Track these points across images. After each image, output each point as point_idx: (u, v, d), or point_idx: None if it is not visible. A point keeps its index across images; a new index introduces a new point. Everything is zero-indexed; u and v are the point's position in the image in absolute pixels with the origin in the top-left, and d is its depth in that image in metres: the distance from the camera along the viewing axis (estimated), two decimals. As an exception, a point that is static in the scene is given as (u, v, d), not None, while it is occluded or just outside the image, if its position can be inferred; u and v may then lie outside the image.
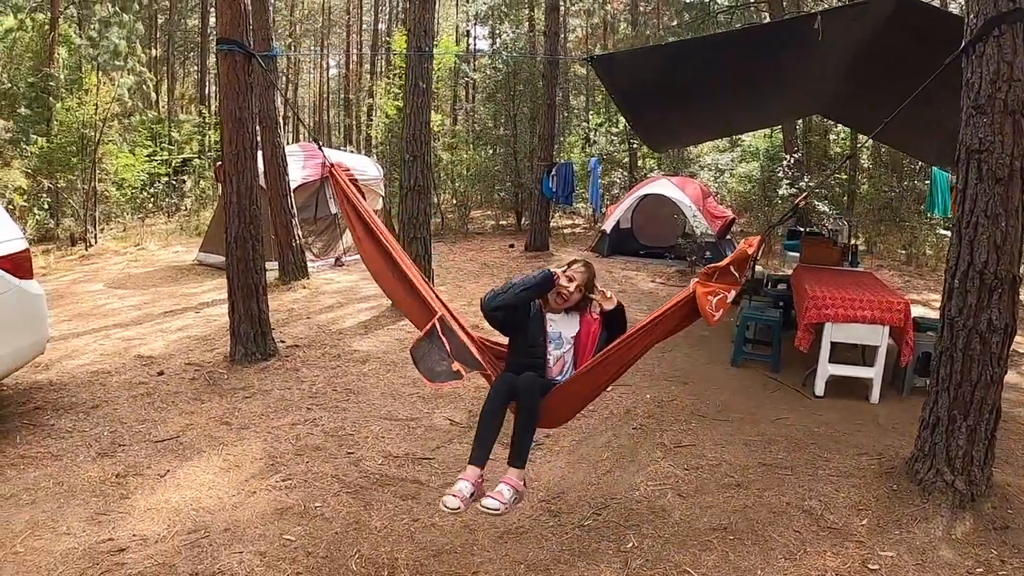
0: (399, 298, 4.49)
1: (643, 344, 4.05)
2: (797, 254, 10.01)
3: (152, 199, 21.95)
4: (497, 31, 33.00)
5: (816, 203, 17.09)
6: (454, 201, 22.52)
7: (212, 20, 26.39)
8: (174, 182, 24.02)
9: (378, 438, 5.75)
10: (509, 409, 4.02)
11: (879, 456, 5.48)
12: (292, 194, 12.27)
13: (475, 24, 38.81)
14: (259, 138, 11.39)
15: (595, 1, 28.30)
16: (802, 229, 11.63)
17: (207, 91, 32.41)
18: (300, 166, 13.75)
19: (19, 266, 5.78)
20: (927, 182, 11.48)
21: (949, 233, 5.20)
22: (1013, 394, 7.37)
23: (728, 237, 15.56)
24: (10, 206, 15.71)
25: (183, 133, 27.05)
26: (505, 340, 4.49)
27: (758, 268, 11.42)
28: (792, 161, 17.44)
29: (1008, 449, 5.81)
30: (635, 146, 22.59)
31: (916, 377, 7.05)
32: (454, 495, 3.67)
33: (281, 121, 12.66)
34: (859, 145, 18.83)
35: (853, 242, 12.22)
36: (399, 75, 19.88)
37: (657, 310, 4.15)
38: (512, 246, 17.48)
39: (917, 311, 8.52)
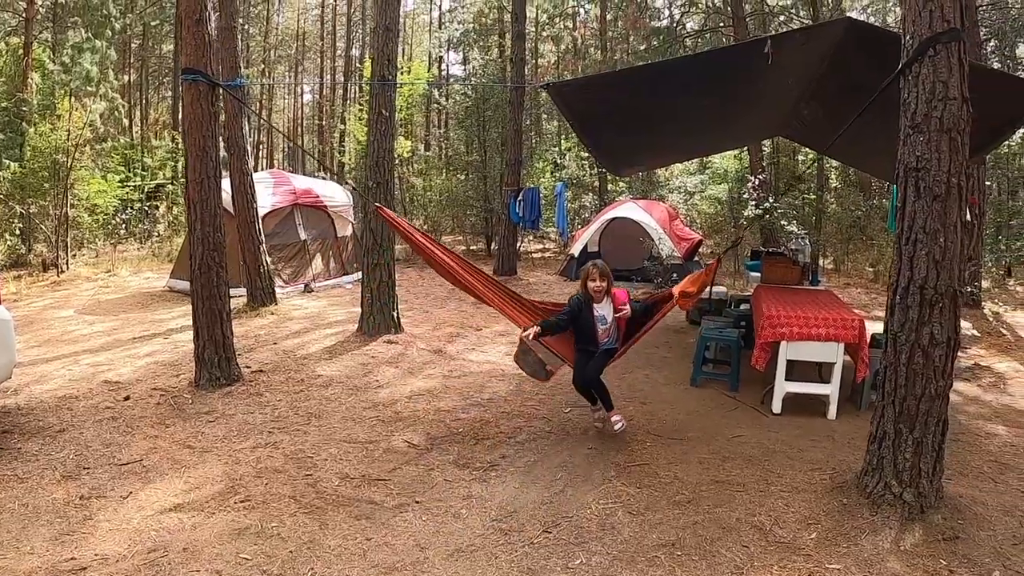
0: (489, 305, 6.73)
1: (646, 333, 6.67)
2: (759, 274, 10.10)
3: (124, 225, 21.88)
4: (468, 57, 33.26)
5: (783, 223, 17.29)
6: (426, 227, 22.59)
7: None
8: (147, 208, 23.93)
9: (337, 460, 5.81)
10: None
11: (832, 471, 5.56)
12: (260, 221, 12.31)
13: (447, 50, 39.08)
14: (227, 166, 11.49)
15: (564, 28, 28.55)
16: (764, 249, 11.74)
17: (181, 116, 32.29)
18: (269, 192, 13.80)
19: (-13, 292, 5.82)
20: (894, 199, 11.61)
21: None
22: (973, 407, 7.55)
23: (696, 259, 15.69)
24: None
25: (156, 159, 26.92)
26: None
27: (721, 288, 11.54)
28: (757, 182, 17.63)
29: (964, 461, 5.94)
30: (604, 170, 22.77)
31: (873, 392, 7.09)
32: (598, 423, 6.45)
33: (249, 148, 12.70)
34: (807, 166, 19.01)
35: (813, 261, 12.33)
36: (369, 101, 20.03)
37: (656, 314, 6.60)
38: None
39: (880, 328, 8.63)
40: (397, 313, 10.22)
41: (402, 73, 23.64)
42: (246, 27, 34.33)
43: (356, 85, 35.80)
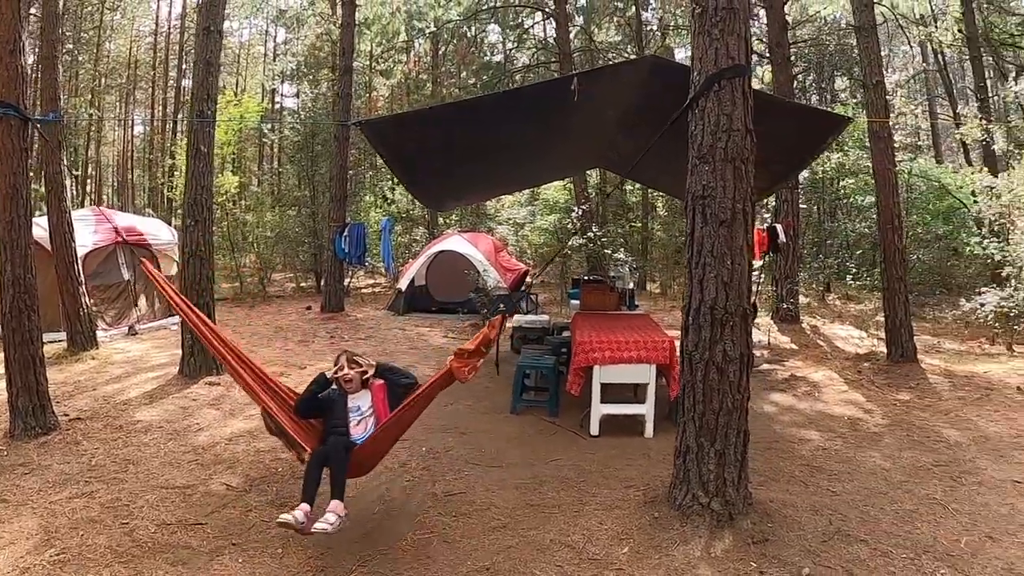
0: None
1: (417, 409, 5.25)
2: (579, 301, 10.36)
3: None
4: (301, 91, 32.86)
5: (608, 251, 17.85)
6: (259, 264, 22.09)
7: None
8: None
9: (153, 507, 5.61)
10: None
11: (645, 487, 5.78)
12: (80, 261, 11.77)
13: (281, 82, 38.46)
14: (44, 203, 10.95)
15: (397, 61, 28.58)
16: (585, 277, 12.06)
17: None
18: (91, 231, 13.21)
19: None
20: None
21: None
22: (788, 415, 8.09)
23: (523, 288, 15.97)
24: None
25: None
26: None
27: (544, 317, 11.79)
28: (580, 213, 18.14)
29: (777, 467, 6.31)
30: (432, 204, 22.88)
31: (686, 409, 7.42)
32: (289, 516, 4.56)
33: (69, 184, 12.14)
34: (610, 189, 19.74)
35: (639, 286, 12.76)
36: (188, 137, 19.46)
37: (423, 385, 5.30)
38: (310, 308, 17.36)
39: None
40: (219, 354, 9.98)
41: (234, 106, 23.09)
42: (76, 52, 32.73)
43: (185, 119, 34.75)
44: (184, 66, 39.81)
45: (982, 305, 12.19)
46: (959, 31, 18.53)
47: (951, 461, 6.54)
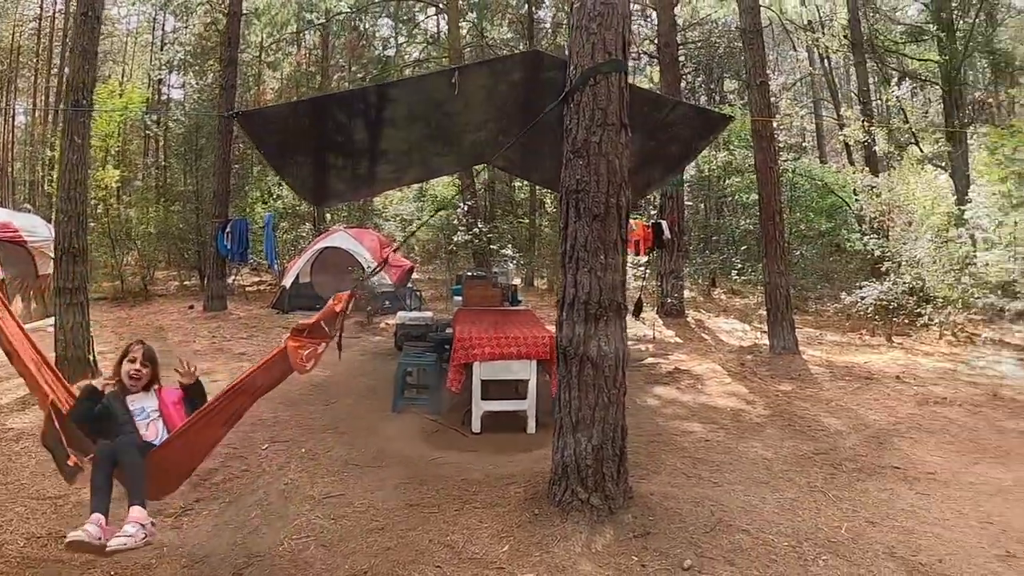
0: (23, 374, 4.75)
1: (240, 403, 4.43)
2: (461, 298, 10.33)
3: None
4: (187, 82, 31.95)
5: (494, 247, 17.91)
6: (142, 262, 21.36)
7: None
8: None
9: (23, 519, 5.34)
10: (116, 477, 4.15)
11: (526, 484, 5.75)
12: (-50, 258, 11.20)
13: (168, 72, 37.34)
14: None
15: (287, 54, 28.06)
16: (470, 273, 12.04)
17: None
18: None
19: None
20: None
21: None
22: (671, 408, 8.21)
23: (410, 285, 15.87)
24: None
25: None
26: None
27: (428, 313, 11.71)
28: (466, 209, 18.14)
29: (660, 460, 6.37)
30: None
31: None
32: (80, 532, 3.74)
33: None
34: (474, 188, 19.82)
35: (527, 282, 12.81)
36: (62, 128, 18.66)
37: (250, 368, 4.47)
38: (192, 307, 16.88)
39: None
40: (94, 356, 9.57)
41: (117, 96, 22.24)
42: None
43: (62, 108, 33.26)
44: (68, 53, 38.15)
45: (862, 298, 12.78)
46: (845, 37, 19.26)
47: (831, 449, 6.77)
